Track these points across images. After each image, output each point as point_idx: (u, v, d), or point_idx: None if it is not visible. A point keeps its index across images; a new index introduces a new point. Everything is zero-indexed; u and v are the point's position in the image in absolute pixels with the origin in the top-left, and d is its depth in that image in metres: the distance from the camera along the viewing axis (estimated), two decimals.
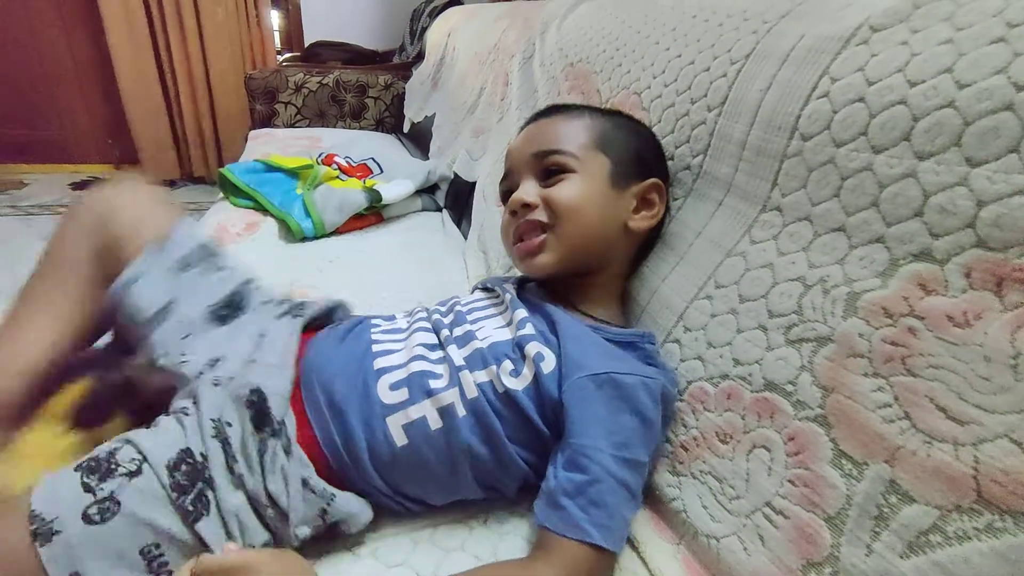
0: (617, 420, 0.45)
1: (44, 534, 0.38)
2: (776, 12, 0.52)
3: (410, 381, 0.49)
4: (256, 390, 0.46)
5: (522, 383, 0.48)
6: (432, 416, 0.47)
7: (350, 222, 1.08)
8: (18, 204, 2.25)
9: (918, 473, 0.32)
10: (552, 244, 0.54)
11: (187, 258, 0.56)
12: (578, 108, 0.61)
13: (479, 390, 0.47)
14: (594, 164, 0.55)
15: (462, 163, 1.20)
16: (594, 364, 0.47)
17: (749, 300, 0.47)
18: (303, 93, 1.97)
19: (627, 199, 0.56)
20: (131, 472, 0.41)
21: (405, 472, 0.48)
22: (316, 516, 0.44)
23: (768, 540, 0.40)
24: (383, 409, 0.47)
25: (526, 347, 0.49)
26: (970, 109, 0.34)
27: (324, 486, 0.44)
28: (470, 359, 0.50)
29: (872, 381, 0.36)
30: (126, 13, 2.23)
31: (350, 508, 0.45)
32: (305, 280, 0.88)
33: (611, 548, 0.42)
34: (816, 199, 0.43)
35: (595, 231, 0.55)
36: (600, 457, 0.43)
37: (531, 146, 0.58)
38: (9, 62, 2.40)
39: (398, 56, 2.36)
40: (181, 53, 2.34)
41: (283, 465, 0.44)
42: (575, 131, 0.57)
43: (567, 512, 0.42)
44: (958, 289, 0.34)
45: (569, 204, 0.54)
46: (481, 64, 1.30)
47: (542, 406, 0.47)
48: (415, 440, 0.47)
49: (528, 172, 0.57)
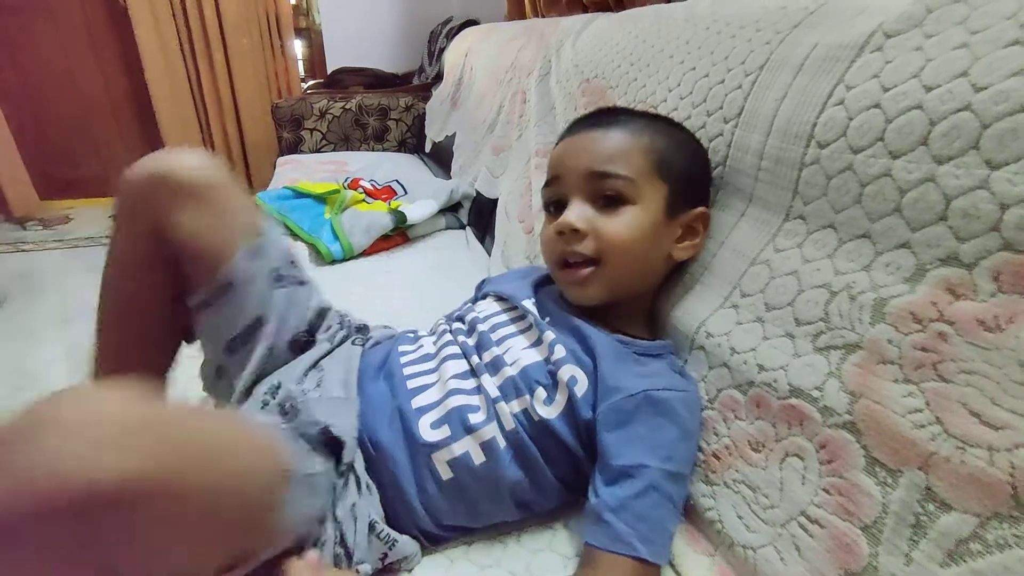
0: (658, 435, 0.46)
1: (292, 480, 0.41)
2: (789, 22, 0.53)
3: (449, 418, 0.49)
4: (325, 429, 0.46)
5: (556, 410, 0.48)
6: (475, 451, 0.48)
7: (377, 243, 1.11)
8: (64, 238, 2.36)
9: (953, 480, 0.32)
10: (600, 279, 0.53)
11: (279, 270, 0.56)
12: (637, 119, 0.56)
13: (515, 421, 0.48)
14: (651, 192, 0.52)
15: (483, 181, 1.22)
16: (629, 385, 0.47)
17: (775, 308, 0.47)
18: (327, 119, 2.03)
19: (675, 228, 0.54)
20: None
21: (450, 504, 0.48)
22: (377, 559, 0.45)
23: (805, 550, 0.39)
24: (427, 448, 0.48)
25: (559, 372, 0.49)
26: (987, 112, 0.34)
27: (388, 532, 0.45)
28: (504, 388, 0.50)
29: (903, 387, 0.36)
30: (163, 50, 2.34)
31: (407, 551, 0.46)
32: (336, 302, 0.90)
33: (657, 562, 0.43)
34: (838, 206, 0.44)
35: (642, 266, 0.55)
36: (644, 472, 0.44)
37: (587, 162, 0.53)
38: (52, 105, 2.54)
39: (417, 78, 2.42)
40: (210, 84, 2.44)
41: (355, 503, 0.45)
42: (635, 153, 0.53)
43: (612, 527, 0.43)
44: (987, 293, 0.33)
45: (623, 242, 0.51)
46: (498, 83, 1.33)
47: (576, 428, 0.48)
48: (460, 474, 0.48)
49: (581, 190, 0.53)
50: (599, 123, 0.56)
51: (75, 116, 2.59)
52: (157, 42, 2.32)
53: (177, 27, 2.32)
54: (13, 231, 2.42)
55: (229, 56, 2.41)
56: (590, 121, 0.58)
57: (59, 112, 2.56)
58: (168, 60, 2.36)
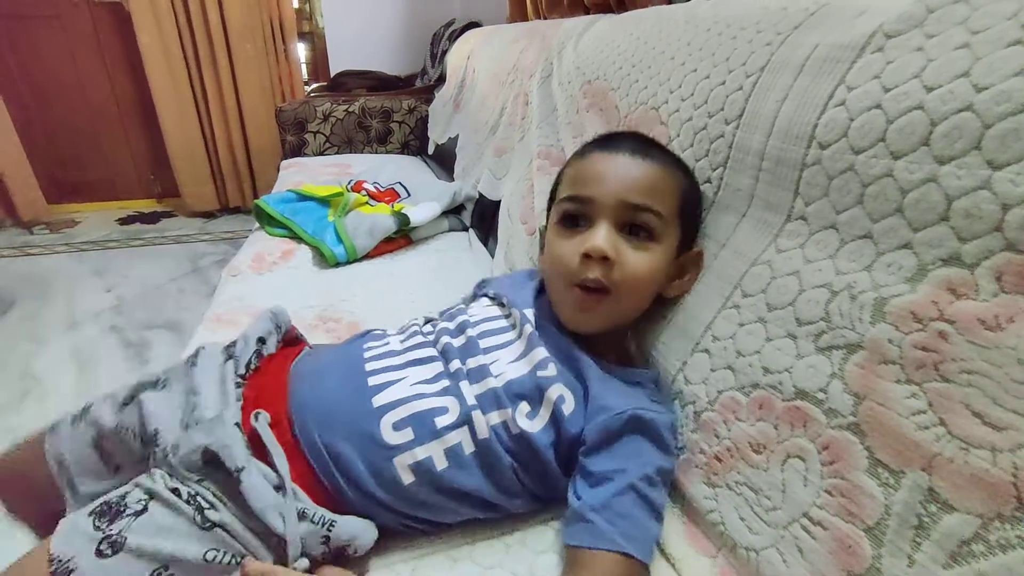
0: (640, 452, 0.48)
1: (61, 573, 0.40)
2: (789, 23, 0.53)
3: (415, 420, 0.48)
4: (204, 449, 0.45)
5: (538, 424, 0.49)
6: (438, 456, 0.47)
7: (381, 246, 1.12)
8: (71, 242, 2.38)
9: (956, 481, 0.32)
10: (608, 308, 0.53)
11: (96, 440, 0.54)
12: (669, 158, 0.57)
13: (491, 432, 0.48)
14: (672, 234, 0.54)
15: (486, 183, 1.22)
16: (617, 404, 0.48)
17: (777, 308, 0.47)
18: (331, 122, 2.04)
19: (674, 268, 0.56)
20: (138, 512, 0.43)
21: (412, 503, 0.48)
22: (319, 544, 0.45)
23: (807, 552, 0.39)
24: (389, 451, 0.47)
25: (547, 390, 0.50)
26: (989, 112, 0.34)
27: (323, 514, 0.44)
28: (483, 398, 0.49)
29: (905, 388, 0.36)
30: (166, 56, 2.36)
31: (352, 531, 0.45)
32: (340, 304, 0.91)
33: (641, 559, 0.43)
34: (840, 207, 0.44)
35: (643, 302, 0.56)
36: (624, 475, 0.45)
37: (626, 190, 0.52)
38: (60, 111, 2.57)
39: (420, 80, 2.43)
40: (215, 89, 2.46)
41: (276, 503, 0.44)
42: (669, 192, 0.53)
43: (595, 525, 0.43)
44: (989, 293, 0.33)
45: (639, 279, 0.52)
46: (501, 84, 1.33)
47: (557, 443, 0.49)
48: (422, 478, 0.47)
49: (612, 216, 0.52)
50: (636, 150, 0.55)
51: (83, 122, 2.61)
52: (160, 48, 2.34)
53: (180, 33, 2.34)
54: (21, 235, 2.44)
55: (233, 61, 2.43)
56: (627, 144, 0.56)
57: (67, 118, 2.59)
58: (171, 65, 2.38)
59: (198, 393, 0.51)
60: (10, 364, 1.52)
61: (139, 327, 1.72)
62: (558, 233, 0.56)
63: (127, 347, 1.62)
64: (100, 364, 1.54)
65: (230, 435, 0.45)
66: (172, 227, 2.60)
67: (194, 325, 0.88)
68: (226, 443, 0.45)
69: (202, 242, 2.44)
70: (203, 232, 2.55)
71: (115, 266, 2.15)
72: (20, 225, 2.51)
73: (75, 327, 1.72)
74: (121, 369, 1.51)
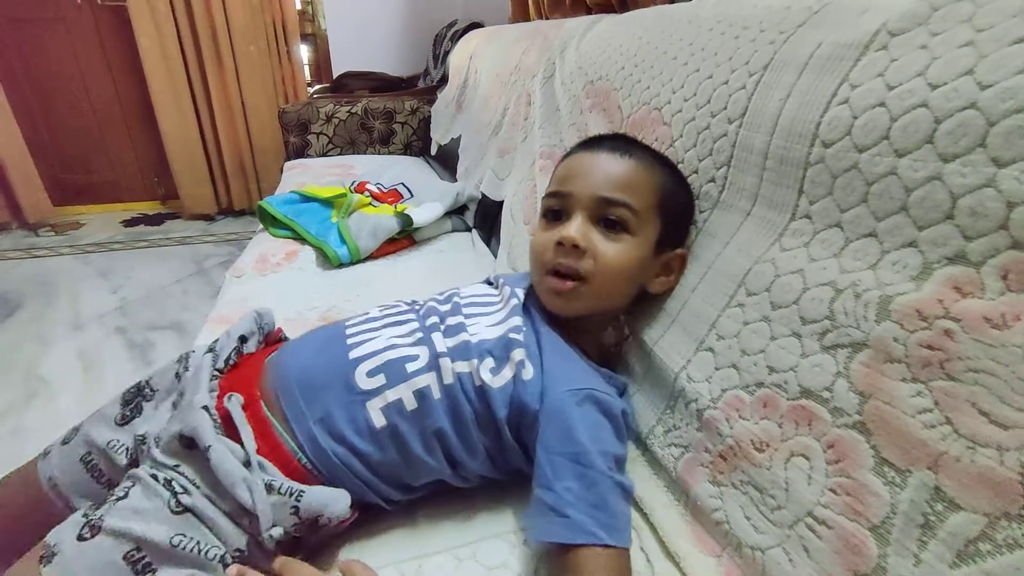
0: (599, 431, 0.49)
1: (47, 557, 0.42)
2: (793, 22, 0.53)
3: (387, 367, 0.51)
4: (180, 435, 0.47)
5: (499, 382, 0.51)
6: (408, 398, 0.50)
7: (384, 247, 1.12)
8: (76, 243, 2.40)
9: (963, 479, 0.32)
10: (582, 295, 0.55)
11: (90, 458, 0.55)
12: (651, 157, 0.59)
13: (456, 378, 0.51)
14: (649, 228, 0.56)
15: (489, 183, 1.22)
16: (576, 380, 0.50)
17: (781, 307, 0.47)
18: (334, 123, 2.05)
19: (656, 264, 0.58)
20: (119, 497, 0.45)
21: (384, 453, 0.50)
22: (289, 515, 0.45)
23: (813, 552, 0.39)
24: (363, 395, 0.50)
25: (513, 351, 0.52)
26: (993, 109, 0.34)
27: (289, 485, 0.45)
28: (454, 350, 0.52)
29: (911, 386, 0.36)
30: (165, 59, 2.38)
31: (322, 499, 0.46)
32: (344, 305, 0.91)
33: (622, 545, 0.44)
34: (844, 205, 0.43)
35: (622, 290, 0.58)
36: (591, 460, 0.46)
37: (600, 186, 0.55)
38: (68, 114, 2.59)
39: (423, 80, 2.43)
40: (220, 91, 2.47)
41: (244, 477, 0.45)
42: (646, 187, 0.56)
43: (572, 520, 0.44)
44: (995, 291, 0.33)
45: (613, 268, 0.55)
46: (503, 85, 1.33)
47: (510, 407, 0.50)
48: (392, 420, 0.50)
49: (587, 209, 0.56)
50: (615, 148, 0.58)
51: (87, 124, 2.63)
52: (159, 50, 2.35)
53: (181, 35, 2.35)
54: (27, 237, 2.46)
55: (238, 63, 2.44)
56: (607, 144, 0.59)
57: (72, 121, 2.60)
58: (170, 68, 2.40)
59: (185, 393, 0.53)
60: (17, 365, 1.53)
61: (144, 328, 1.73)
62: (540, 226, 0.61)
63: (132, 348, 1.63)
64: (105, 365, 1.54)
65: (197, 417, 0.47)
66: (176, 229, 2.61)
67: (198, 326, 0.89)
68: (194, 425, 0.46)
69: (206, 243, 2.44)
70: (207, 233, 2.56)
71: (120, 267, 2.16)
72: (26, 227, 2.53)
73: (80, 328, 1.73)
74: (126, 369, 1.52)
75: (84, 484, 0.53)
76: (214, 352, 0.57)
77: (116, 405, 0.56)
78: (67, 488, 0.53)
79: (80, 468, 0.53)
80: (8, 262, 2.20)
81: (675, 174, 0.60)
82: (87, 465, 0.53)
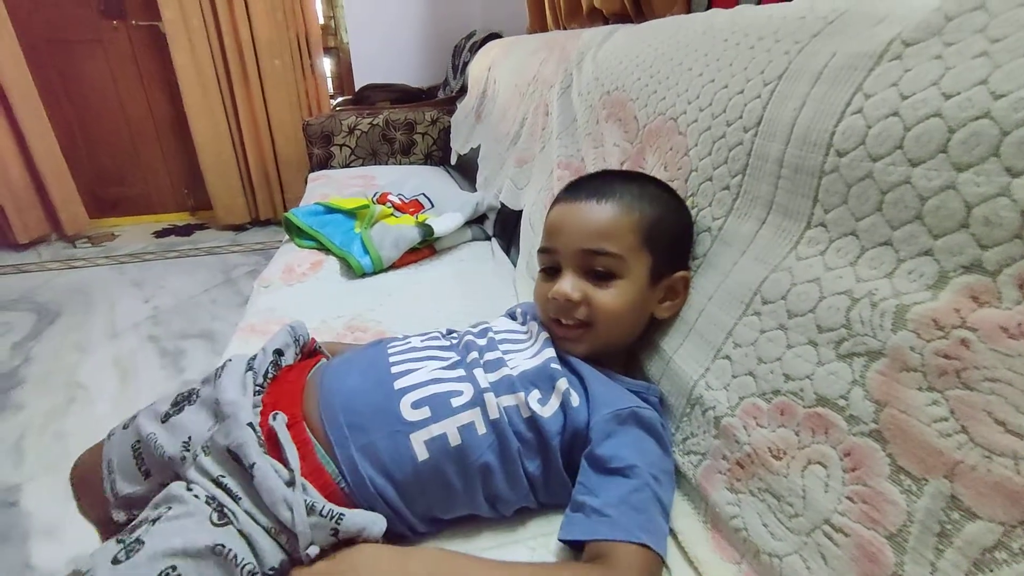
0: (643, 445, 0.51)
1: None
2: (807, 32, 0.53)
3: (432, 400, 0.52)
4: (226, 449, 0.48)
5: (549, 410, 0.52)
6: (452, 434, 0.51)
7: (405, 256, 1.14)
8: (111, 255, 2.49)
9: (979, 488, 0.32)
10: (589, 339, 0.59)
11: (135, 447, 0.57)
12: (632, 187, 0.60)
13: (503, 412, 0.51)
14: (639, 265, 0.58)
15: (508, 192, 1.24)
16: (619, 401, 0.52)
17: (797, 315, 0.47)
18: (356, 134, 2.10)
19: (658, 292, 0.60)
20: (154, 519, 0.45)
21: (422, 486, 0.50)
22: (328, 536, 0.46)
23: (830, 559, 0.39)
24: (407, 427, 0.51)
25: (557, 381, 0.54)
26: (1007, 119, 0.34)
27: (331, 508, 0.46)
28: (497, 384, 0.54)
29: (927, 395, 0.36)
30: (199, 75, 2.46)
31: (361, 522, 0.47)
32: (367, 314, 0.93)
33: (659, 551, 0.45)
34: (859, 214, 0.44)
35: (627, 327, 0.61)
36: (635, 471, 0.48)
37: (581, 239, 0.58)
38: (102, 130, 2.70)
39: (442, 91, 2.47)
40: (246, 104, 2.55)
41: (285, 496, 0.45)
42: (625, 230, 0.57)
43: (614, 519, 0.45)
44: (1012, 300, 0.33)
45: (611, 312, 0.57)
46: (521, 95, 1.35)
47: (564, 432, 0.52)
48: (435, 455, 0.50)
49: (574, 264, 0.58)
50: (593, 194, 0.60)
51: (123, 140, 2.73)
52: (194, 66, 2.44)
53: (212, 51, 2.43)
54: (65, 248, 2.56)
55: (263, 77, 2.51)
56: (584, 190, 0.61)
57: (108, 137, 2.71)
58: (204, 83, 2.48)
59: (222, 402, 0.54)
60: (58, 372, 1.60)
61: (175, 337, 1.79)
62: (540, 277, 0.64)
63: (164, 356, 1.68)
64: (140, 372, 1.60)
65: (243, 435, 0.48)
66: (205, 239, 2.70)
67: (227, 334, 0.92)
68: (240, 442, 0.48)
69: (233, 253, 2.51)
70: (234, 244, 2.64)
71: (152, 277, 2.24)
72: (64, 239, 2.64)
73: (116, 337, 1.80)
74: (159, 377, 1.57)
75: (129, 468, 0.56)
76: (253, 371, 0.57)
77: (167, 403, 0.58)
78: (116, 469, 0.56)
79: (129, 454, 0.56)
80: (49, 272, 2.30)
81: (662, 202, 0.60)
82: (135, 452, 0.56)
